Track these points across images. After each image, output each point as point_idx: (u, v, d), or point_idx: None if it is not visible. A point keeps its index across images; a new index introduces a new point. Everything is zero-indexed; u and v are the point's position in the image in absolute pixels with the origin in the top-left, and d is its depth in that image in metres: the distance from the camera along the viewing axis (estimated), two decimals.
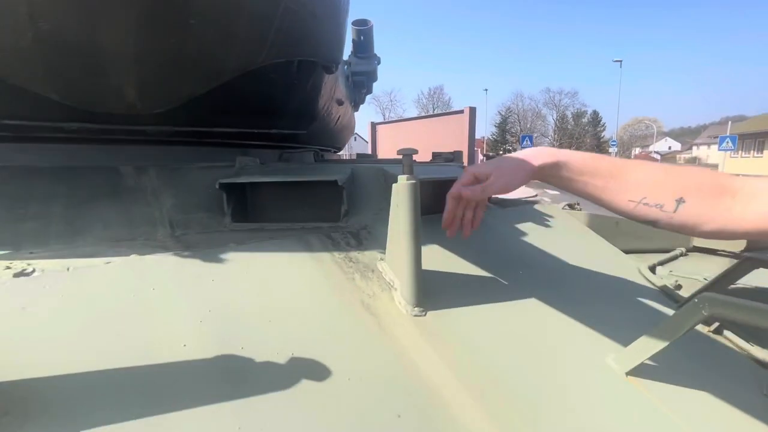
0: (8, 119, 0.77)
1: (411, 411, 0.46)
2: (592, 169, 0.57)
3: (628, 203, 0.54)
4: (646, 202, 0.52)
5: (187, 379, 0.41)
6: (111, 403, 0.37)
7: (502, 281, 0.75)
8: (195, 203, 0.83)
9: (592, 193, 0.57)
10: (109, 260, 0.52)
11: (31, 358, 0.38)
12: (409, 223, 0.59)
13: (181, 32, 0.68)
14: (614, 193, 0.55)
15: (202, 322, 0.48)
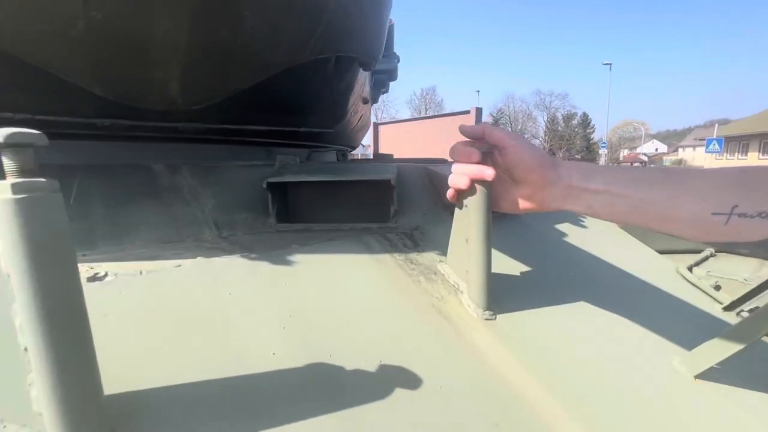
0: (42, 114, 0.73)
1: (508, 419, 0.44)
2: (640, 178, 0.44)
3: (713, 219, 0.38)
4: (742, 213, 0.37)
5: (284, 390, 0.39)
6: (214, 417, 0.35)
7: (556, 282, 0.74)
8: (236, 203, 0.80)
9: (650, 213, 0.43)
10: (179, 263, 0.49)
11: (128, 370, 0.35)
12: (482, 226, 0.57)
13: (233, 24, 0.66)
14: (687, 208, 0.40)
15: (285, 328, 0.45)
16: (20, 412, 0.30)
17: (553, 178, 0.49)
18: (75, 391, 0.28)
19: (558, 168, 0.50)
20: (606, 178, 0.47)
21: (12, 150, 0.26)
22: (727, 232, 0.38)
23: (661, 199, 0.42)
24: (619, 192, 0.45)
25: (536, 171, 0.50)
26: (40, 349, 0.27)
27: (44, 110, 0.74)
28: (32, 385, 0.29)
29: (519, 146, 0.51)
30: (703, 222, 0.39)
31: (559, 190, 0.49)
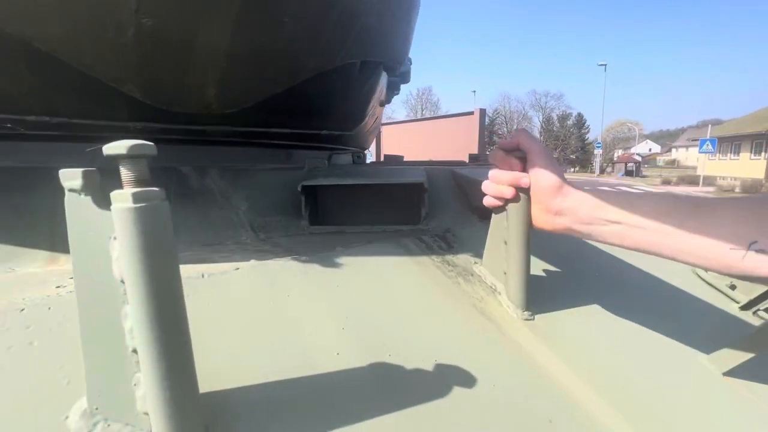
0: (78, 118, 0.74)
1: (559, 415, 0.46)
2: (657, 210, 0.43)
3: (730, 255, 0.38)
4: (760, 249, 0.36)
5: (351, 388, 0.40)
6: (291, 414, 0.36)
7: (582, 284, 0.76)
8: (269, 206, 0.81)
9: (665, 245, 0.42)
10: (237, 266, 0.50)
11: (209, 370, 0.36)
12: (522, 229, 0.59)
13: (273, 31, 0.67)
14: (702, 241, 0.39)
15: (344, 329, 0.47)
16: (122, 411, 0.31)
17: (558, 207, 0.50)
18: (178, 390, 0.29)
19: (567, 197, 0.49)
20: (620, 210, 0.45)
21: (131, 161, 0.27)
22: (744, 267, 0.38)
23: (677, 233, 0.41)
24: (634, 224, 0.44)
25: (545, 194, 0.50)
26: (150, 351, 0.28)
27: (80, 114, 0.74)
28: (138, 386, 0.30)
29: (542, 165, 0.51)
30: (720, 257, 0.39)
31: (564, 218, 0.50)
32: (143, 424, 0.31)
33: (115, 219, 0.27)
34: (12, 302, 0.38)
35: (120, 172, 0.27)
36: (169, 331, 0.29)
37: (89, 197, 0.28)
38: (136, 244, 0.27)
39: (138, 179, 0.27)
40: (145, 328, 0.28)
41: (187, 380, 0.30)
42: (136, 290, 0.27)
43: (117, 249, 0.28)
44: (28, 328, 0.35)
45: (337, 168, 0.94)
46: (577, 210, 0.48)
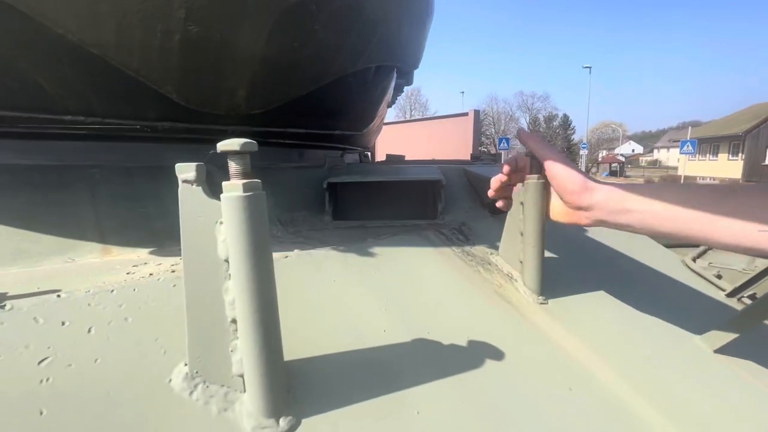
0: (111, 118, 0.77)
1: (577, 384, 0.52)
2: (682, 198, 0.46)
3: (760, 235, 0.40)
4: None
5: (399, 360, 0.46)
6: (354, 383, 0.41)
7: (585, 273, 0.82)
8: (294, 202, 0.86)
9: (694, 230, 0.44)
10: (286, 255, 0.55)
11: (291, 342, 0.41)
12: (538, 220, 0.65)
13: (304, 37, 0.71)
14: (731, 224, 0.41)
15: (386, 310, 0.52)
16: (220, 374, 0.35)
17: (588, 203, 0.52)
18: (269, 355, 0.34)
19: (594, 193, 0.51)
20: (646, 200, 0.48)
21: (239, 156, 0.32)
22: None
23: (705, 219, 0.43)
24: (661, 212, 0.46)
25: (572, 194, 0.53)
26: (248, 320, 0.33)
27: (113, 114, 0.78)
28: (234, 351, 0.35)
29: (559, 169, 0.54)
30: (749, 238, 0.40)
31: (595, 213, 0.52)
32: (237, 386, 0.35)
33: (224, 206, 0.32)
34: (99, 286, 0.42)
35: (228, 165, 0.32)
36: (263, 303, 0.33)
37: (200, 187, 0.32)
38: (242, 228, 0.31)
39: (244, 172, 0.32)
40: (245, 300, 0.33)
41: (276, 347, 0.35)
42: (238, 267, 0.32)
43: (223, 232, 0.32)
44: (121, 306, 0.39)
45: (355, 166, 0.99)
46: (606, 204, 0.50)
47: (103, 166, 0.76)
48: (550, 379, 0.51)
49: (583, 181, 0.52)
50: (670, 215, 0.46)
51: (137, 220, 0.67)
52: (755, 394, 0.61)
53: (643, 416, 0.50)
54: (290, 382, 0.38)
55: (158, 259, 0.57)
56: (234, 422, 0.34)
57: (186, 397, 0.34)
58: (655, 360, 0.61)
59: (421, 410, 0.40)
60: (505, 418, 0.43)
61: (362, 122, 1.24)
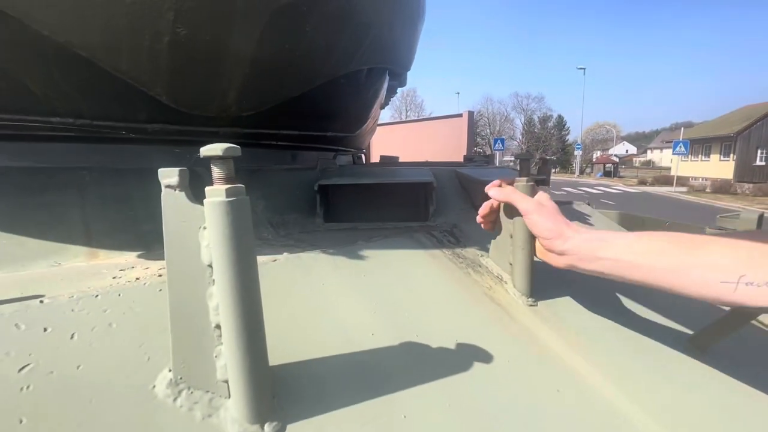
0: (101, 120, 0.76)
1: (565, 385, 0.52)
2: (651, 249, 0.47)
3: (722, 286, 0.41)
4: (749, 282, 0.39)
5: (388, 363, 0.46)
6: (341, 386, 0.41)
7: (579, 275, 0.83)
8: (285, 204, 0.85)
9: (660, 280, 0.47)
10: (275, 258, 0.55)
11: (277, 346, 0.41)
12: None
13: (294, 40, 0.71)
14: (694, 276, 0.43)
15: (375, 313, 0.52)
16: (204, 379, 0.35)
17: (560, 250, 0.55)
18: (253, 360, 0.34)
19: (567, 241, 0.55)
20: (617, 249, 0.50)
21: (222, 161, 0.32)
22: (735, 299, 0.41)
23: (671, 270, 0.45)
24: (629, 262, 0.49)
25: (545, 241, 0.57)
26: (232, 326, 0.33)
27: (102, 115, 0.77)
28: (219, 357, 0.35)
29: (534, 219, 0.58)
30: (712, 290, 0.42)
31: (566, 258, 0.56)
32: (222, 391, 0.35)
33: (208, 211, 0.31)
34: (83, 291, 0.41)
35: (212, 170, 0.32)
36: (248, 308, 0.33)
37: (183, 193, 0.32)
38: (225, 233, 0.31)
39: (227, 176, 0.32)
40: (229, 305, 0.32)
41: (261, 352, 0.35)
42: (222, 273, 0.32)
43: (207, 237, 0.32)
44: (105, 312, 0.39)
45: (347, 168, 0.99)
46: (578, 251, 0.54)
47: (92, 168, 0.75)
48: (538, 381, 0.52)
49: (557, 230, 0.56)
50: (639, 265, 0.48)
51: (125, 222, 0.66)
52: (743, 395, 0.62)
53: (631, 418, 0.50)
54: (276, 387, 0.38)
55: (146, 263, 0.56)
56: (218, 428, 0.34)
57: (170, 403, 0.34)
58: (644, 361, 0.62)
59: (408, 414, 0.40)
60: (492, 420, 0.44)
61: (355, 124, 1.24)
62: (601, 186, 22.18)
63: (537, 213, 0.58)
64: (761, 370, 0.70)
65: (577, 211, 1.24)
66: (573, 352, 0.59)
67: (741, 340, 0.76)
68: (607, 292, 0.78)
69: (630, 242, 0.50)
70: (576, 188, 20.32)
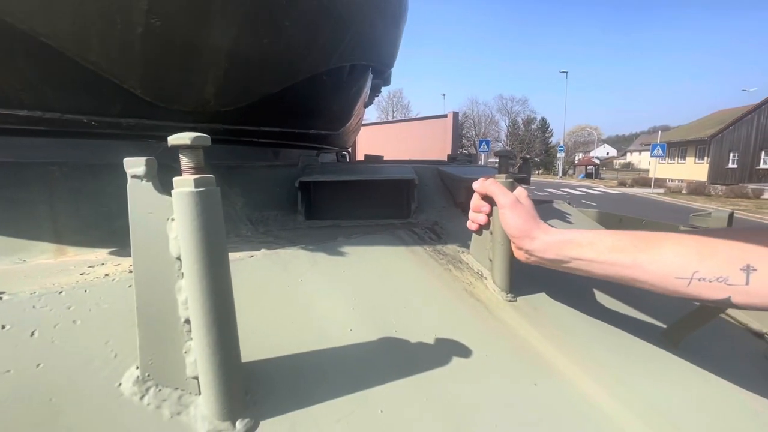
0: (72, 113, 0.74)
1: (542, 379, 0.53)
2: (612, 247, 0.51)
3: (677, 282, 0.45)
4: (701, 278, 0.43)
5: (366, 359, 0.45)
6: (317, 382, 0.40)
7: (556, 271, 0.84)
8: (265, 201, 0.84)
9: (622, 275, 0.50)
10: (252, 254, 0.54)
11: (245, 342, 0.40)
12: None
13: (273, 34, 0.70)
14: (652, 272, 0.47)
15: (353, 309, 0.51)
16: (173, 376, 0.34)
17: (528, 248, 0.58)
18: (225, 356, 0.33)
19: (534, 241, 0.57)
20: (581, 249, 0.53)
21: (190, 150, 0.31)
22: (689, 292, 0.45)
23: (630, 266, 0.49)
24: (592, 259, 0.52)
25: (514, 238, 0.60)
26: (202, 320, 0.32)
27: (73, 109, 0.74)
28: (188, 353, 0.34)
29: (507, 215, 0.60)
30: (668, 284, 0.46)
31: (536, 257, 0.58)
32: (192, 388, 0.34)
33: (176, 202, 0.30)
34: (47, 287, 0.40)
35: (180, 160, 0.31)
36: (218, 302, 0.32)
37: (150, 183, 0.31)
38: (194, 225, 0.30)
39: (197, 167, 0.31)
40: (199, 299, 0.32)
41: (233, 348, 0.34)
42: (191, 266, 0.31)
43: (175, 229, 0.31)
44: (69, 308, 0.38)
45: (329, 165, 0.98)
46: (544, 252, 0.57)
47: (63, 164, 0.72)
48: (515, 375, 0.52)
49: (526, 229, 0.58)
50: (601, 262, 0.52)
51: (97, 219, 0.64)
52: (714, 386, 0.64)
53: (606, 409, 0.51)
54: (250, 383, 0.37)
55: (117, 259, 0.55)
56: (188, 426, 0.33)
57: (136, 401, 0.33)
58: (619, 354, 0.63)
59: (384, 409, 0.40)
60: (469, 414, 0.44)
61: (338, 122, 1.23)
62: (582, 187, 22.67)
63: (510, 209, 0.60)
64: (730, 362, 0.72)
65: (557, 209, 1.26)
66: (551, 347, 0.60)
67: (711, 334, 0.79)
68: (585, 288, 0.79)
69: (592, 241, 0.53)
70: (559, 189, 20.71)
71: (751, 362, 0.80)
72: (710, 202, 14.83)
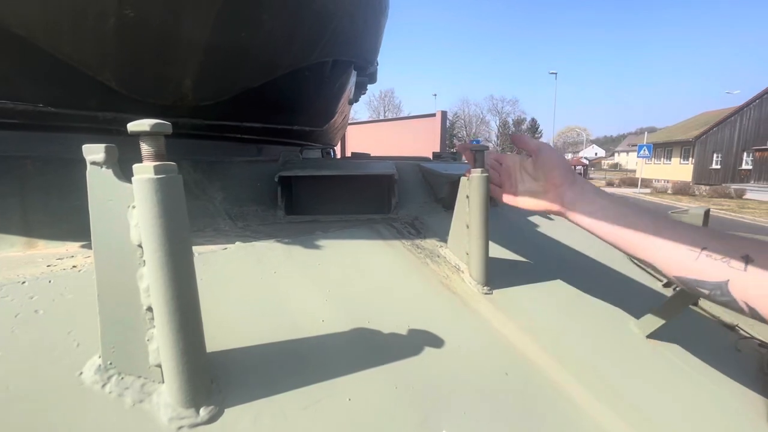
0: (46, 106, 0.72)
1: (515, 370, 0.54)
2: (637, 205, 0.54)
3: (689, 252, 0.46)
4: (709, 254, 0.44)
5: (336, 349, 0.46)
6: (286, 372, 0.41)
7: (534, 265, 0.86)
8: (245, 196, 0.84)
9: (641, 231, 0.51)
10: (224, 247, 0.54)
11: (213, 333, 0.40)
12: (481, 212, 0.67)
13: (252, 27, 0.70)
14: (670, 238, 0.48)
15: (327, 300, 0.52)
16: (135, 364, 0.34)
17: (571, 180, 0.60)
18: (188, 343, 0.33)
19: (576, 175, 0.61)
20: (611, 196, 0.57)
21: (151, 137, 0.31)
22: (695, 267, 0.45)
23: (649, 224, 0.51)
24: (620, 209, 0.54)
25: (560, 169, 0.61)
26: (164, 307, 0.32)
27: (47, 101, 0.73)
28: (151, 341, 0.34)
29: (552, 151, 0.64)
30: (679, 253, 0.47)
31: (573, 193, 0.59)
32: (155, 376, 0.34)
33: (136, 189, 0.30)
34: (9, 278, 0.39)
35: (140, 147, 0.31)
36: (181, 289, 0.32)
37: (110, 170, 0.31)
38: (155, 212, 0.30)
39: (157, 154, 0.31)
40: (161, 286, 0.31)
41: (197, 336, 0.34)
42: (153, 253, 0.31)
43: (135, 216, 0.31)
44: (32, 299, 0.37)
45: (311, 161, 0.98)
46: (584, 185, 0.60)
47: (36, 157, 0.71)
48: (488, 365, 0.53)
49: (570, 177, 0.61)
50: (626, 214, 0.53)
51: (70, 212, 0.63)
52: (683, 376, 0.66)
53: (576, 398, 0.52)
54: (217, 372, 0.37)
55: (88, 252, 0.54)
56: (150, 413, 0.33)
57: (98, 389, 0.33)
58: (590, 345, 0.64)
59: (353, 397, 0.41)
60: (438, 403, 0.44)
61: (321, 118, 1.23)
62: None
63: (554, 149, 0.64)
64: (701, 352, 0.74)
65: None
66: (524, 338, 0.61)
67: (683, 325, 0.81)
68: (560, 281, 0.81)
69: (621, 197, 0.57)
70: None
71: (721, 352, 0.82)
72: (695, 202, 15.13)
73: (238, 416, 0.34)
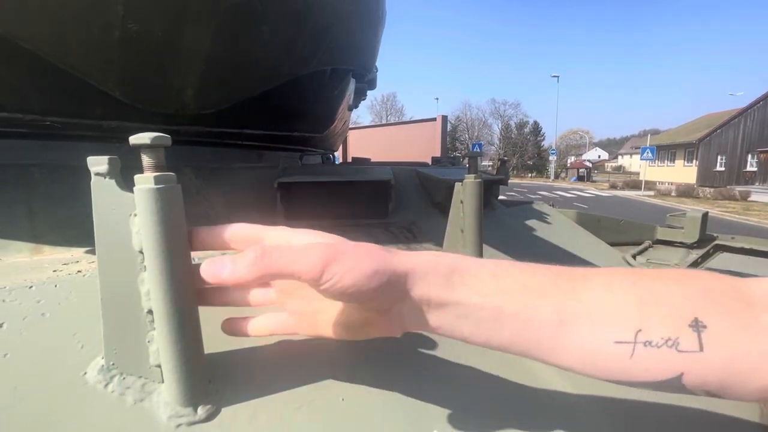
0: (52, 116, 0.75)
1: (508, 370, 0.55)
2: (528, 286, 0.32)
3: (618, 348, 0.28)
4: (647, 340, 0.27)
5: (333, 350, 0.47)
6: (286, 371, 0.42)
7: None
8: (246, 202, 0.85)
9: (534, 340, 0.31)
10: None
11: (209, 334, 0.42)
12: (475, 216, 0.68)
13: (251, 38, 0.72)
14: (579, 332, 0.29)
15: None
16: (137, 365, 0.36)
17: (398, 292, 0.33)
18: (186, 345, 0.35)
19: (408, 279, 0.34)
20: (482, 286, 0.32)
21: (151, 150, 0.33)
22: (632, 369, 0.28)
23: (551, 320, 0.30)
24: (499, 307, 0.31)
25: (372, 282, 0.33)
26: (163, 310, 0.34)
27: (53, 111, 0.76)
28: (151, 342, 0.35)
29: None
30: (603, 353, 0.29)
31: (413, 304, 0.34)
32: (155, 376, 0.36)
33: (138, 198, 0.32)
34: (17, 282, 0.41)
35: (141, 159, 0.33)
36: (180, 293, 0.34)
37: (113, 180, 0.33)
38: (155, 220, 0.32)
39: (157, 165, 0.33)
40: (160, 290, 0.33)
41: (195, 337, 0.36)
42: (152, 258, 0.33)
43: (137, 224, 0.33)
44: (39, 302, 0.39)
45: (309, 167, 1.00)
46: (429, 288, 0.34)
47: (43, 165, 0.73)
48: (481, 365, 0.54)
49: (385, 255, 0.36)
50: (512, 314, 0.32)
51: (75, 219, 0.65)
52: None
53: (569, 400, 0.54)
54: (214, 372, 0.38)
55: (91, 257, 0.56)
56: (150, 411, 0.34)
57: (100, 389, 0.34)
58: None
59: (346, 397, 0.42)
60: (430, 402, 0.45)
61: (322, 124, 1.25)
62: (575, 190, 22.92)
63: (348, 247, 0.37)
64: None
65: (536, 210, 1.29)
66: None
67: None
68: None
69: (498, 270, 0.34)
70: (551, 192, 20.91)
71: None
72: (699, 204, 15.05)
73: (234, 415, 0.36)
